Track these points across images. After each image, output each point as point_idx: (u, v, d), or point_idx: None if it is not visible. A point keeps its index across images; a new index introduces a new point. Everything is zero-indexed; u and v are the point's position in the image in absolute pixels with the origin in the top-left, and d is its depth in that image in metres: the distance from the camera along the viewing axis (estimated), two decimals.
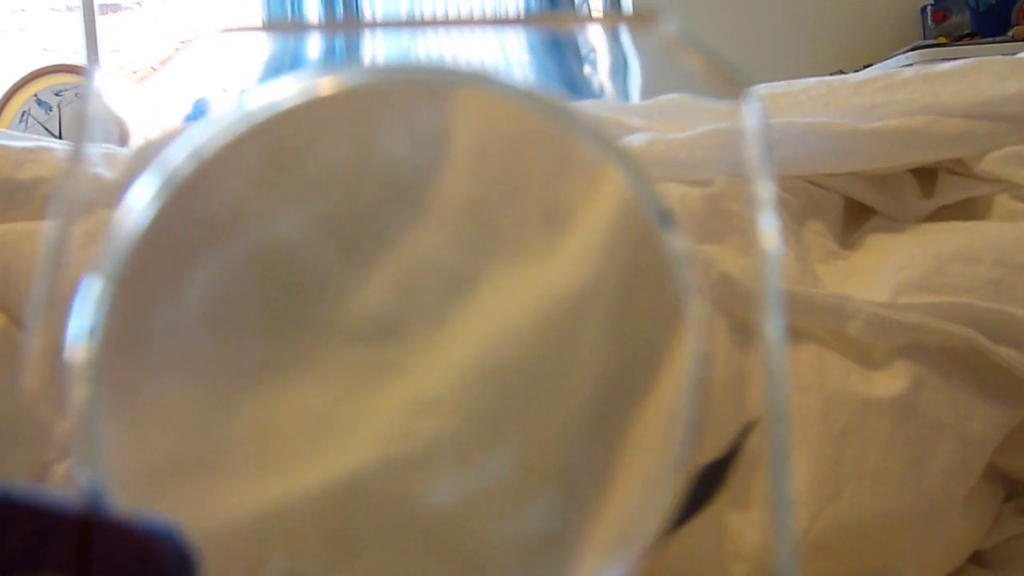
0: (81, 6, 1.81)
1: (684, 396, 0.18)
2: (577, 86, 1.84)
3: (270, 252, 0.21)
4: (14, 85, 1.44)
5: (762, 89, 0.66)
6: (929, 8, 1.85)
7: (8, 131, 1.23)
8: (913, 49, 1.62)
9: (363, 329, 0.22)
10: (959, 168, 0.55)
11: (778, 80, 0.68)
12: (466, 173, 0.21)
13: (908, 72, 0.60)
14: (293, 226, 0.20)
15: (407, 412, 0.22)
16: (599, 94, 1.85)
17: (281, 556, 0.21)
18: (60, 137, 1.34)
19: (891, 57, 1.65)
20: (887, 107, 0.57)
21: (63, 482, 0.30)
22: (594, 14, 1.96)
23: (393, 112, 0.21)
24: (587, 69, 1.85)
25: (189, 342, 0.20)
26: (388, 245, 0.21)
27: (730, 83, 0.18)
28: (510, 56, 1.84)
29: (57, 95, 1.43)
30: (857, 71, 1.64)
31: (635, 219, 0.20)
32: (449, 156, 0.22)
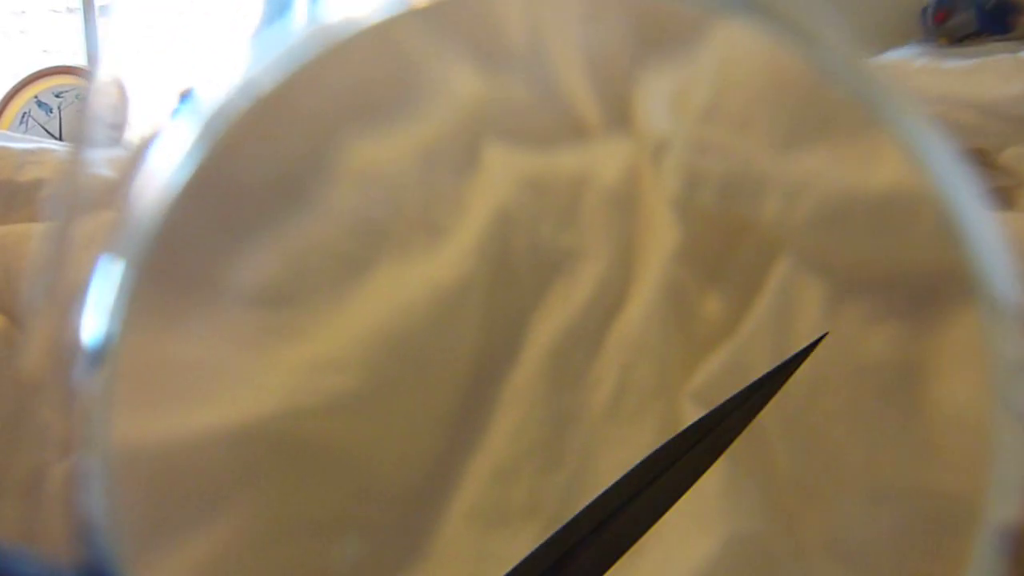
0: (81, 8, 1.81)
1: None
2: None
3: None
4: (14, 87, 1.44)
5: None
6: (929, 9, 1.85)
7: (8, 132, 1.23)
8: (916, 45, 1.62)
9: (255, 295, 0.25)
10: (982, 157, 0.55)
11: None
12: (353, 189, 0.26)
13: (919, 63, 0.60)
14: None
15: (309, 369, 0.26)
16: None
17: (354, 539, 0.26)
18: (60, 139, 1.34)
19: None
20: None
21: (61, 487, 0.30)
22: None
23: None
24: None
25: None
26: (275, 227, 0.24)
27: None
28: None
29: (57, 97, 1.43)
30: None
31: (501, 235, 0.27)
32: (337, 170, 0.26)
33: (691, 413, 0.27)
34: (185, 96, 0.21)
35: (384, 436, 0.27)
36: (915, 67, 0.59)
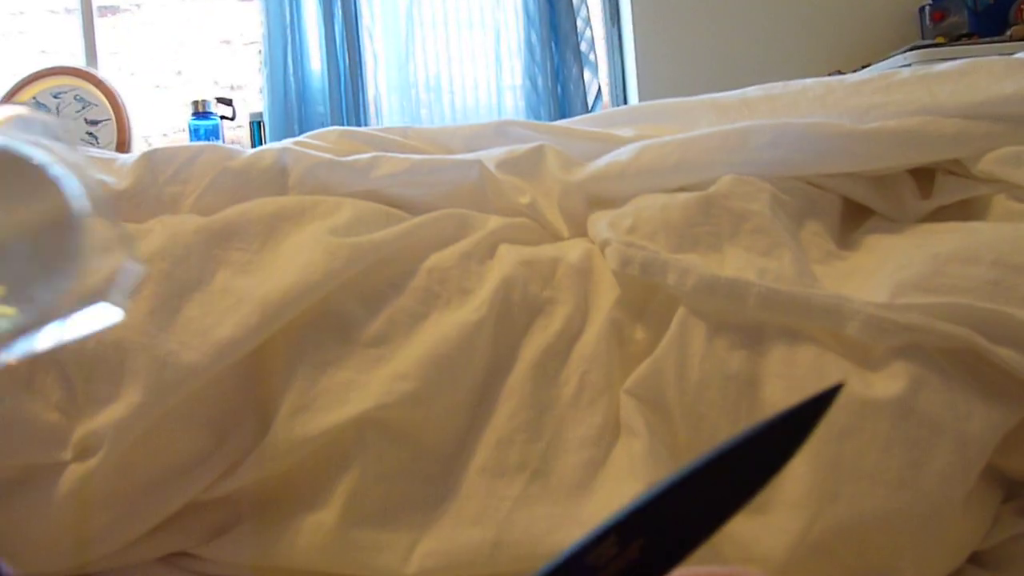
0: (80, 8, 1.81)
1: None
2: (574, 86, 1.84)
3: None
4: (13, 87, 1.44)
5: (759, 90, 0.66)
6: (927, 8, 1.85)
7: None
8: (912, 49, 1.62)
9: (370, 341, 0.49)
10: (957, 168, 0.55)
11: (776, 80, 0.68)
12: (423, 277, 0.53)
13: (905, 73, 0.60)
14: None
15: (390, 380, 0.47)
16: (596, 95, 1.85)
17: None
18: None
19: (889, 57, 1.65)
20: (885, 108, 0.57)
21: (64, 488, 0.36)
22: (595, 15, 1.96)
23: None
24: (586, 72, 1.85)
25: None
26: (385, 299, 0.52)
27: None
28: (504, 56, 1.85)
29: (56, 97, 1.43)
30: (855, 71, 1.64)
31: (504, 292, 0.51)
32: (416, 270, 0.54)
33: (626, 402, 0.47)
34: (196, 106, 0.21)
35: (431, 419, 0.47)
36: (900, 78, 0.60)
